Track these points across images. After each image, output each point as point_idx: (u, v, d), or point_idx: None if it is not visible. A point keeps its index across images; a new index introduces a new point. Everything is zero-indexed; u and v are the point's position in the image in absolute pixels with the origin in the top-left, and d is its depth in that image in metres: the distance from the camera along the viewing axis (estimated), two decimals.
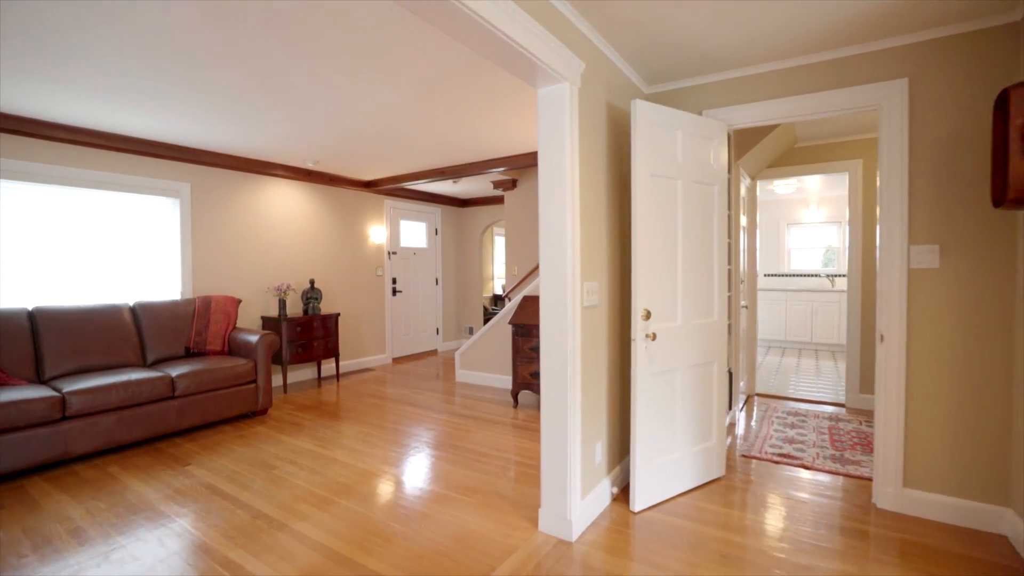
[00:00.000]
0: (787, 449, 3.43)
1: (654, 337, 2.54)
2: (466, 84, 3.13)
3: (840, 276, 7.81)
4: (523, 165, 4.99)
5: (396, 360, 6.78)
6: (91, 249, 4.12)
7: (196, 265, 4.72)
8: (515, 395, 4.49)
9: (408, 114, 3.68)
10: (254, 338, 4.24)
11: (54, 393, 3.16)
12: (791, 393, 4.96)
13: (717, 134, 2.90)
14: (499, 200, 7.51)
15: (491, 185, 6.63)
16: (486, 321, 8.17)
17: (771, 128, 3.81)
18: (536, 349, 4.32)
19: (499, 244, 10.08)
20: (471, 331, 7.84)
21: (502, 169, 5.18)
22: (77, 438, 3.23)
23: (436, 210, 7.45)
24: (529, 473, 3.05)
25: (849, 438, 3.63)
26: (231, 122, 3.82)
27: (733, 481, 2.94)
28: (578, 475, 2.35)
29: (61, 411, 3.18)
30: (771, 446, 3.50)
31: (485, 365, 5.35)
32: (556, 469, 2.34)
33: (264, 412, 4.31)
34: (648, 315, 2.54)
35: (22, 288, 3.79)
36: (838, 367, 6.24)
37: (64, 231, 3.98)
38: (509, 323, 4.47)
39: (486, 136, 4.29)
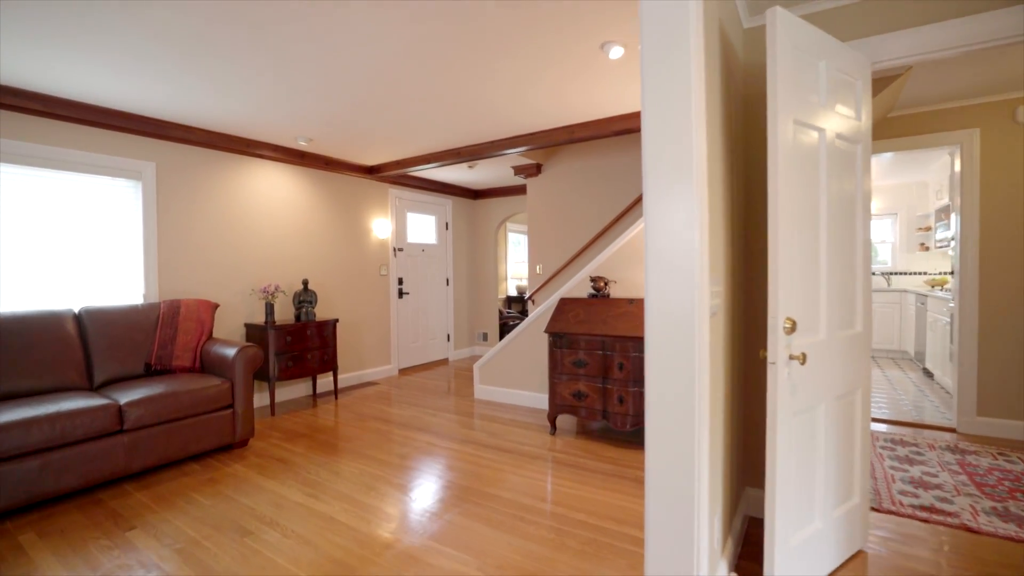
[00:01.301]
0: (926, 498, 2.60)
1: (803, 359, 1.71)
2: (502, 37, 2.31)
3: (897, 274, 6.98)
4: (557, 142, 4.16)
5: (403, 371, 5.94)
6: (27, 242, 3.28)
7: (163, 262, 3.88)
8: (552, 419, 3.65)
9: (415, 70, 2.86)
10: (231, 351, 3.40)
11: None
12: (874, 412, 4.13)
13: (861, 73, 2.07)
14: (517, 191, 6.69)
15: (511, 172, 5.81)
16: (502, 327, 7.34)
17: (889, 81, 2.98)
18: (581, 364, 3.49)
19: (512, 241, 9.25)
20: (485, 337, 7.01)
21: (524, 149, 4.35)
22: None
23: (447, 202, 6.63)
24: (597, 540, 2.22)
25: (997, 481, 2.80)
26: (198, 80, 3.00)
27: (881, 555, 2.11)
28: (705, 560, 1.52)
29: None
30: (901, 493, 2.67)
31: (510, 380, 4.52)
32: (673, 553, 1.51)
33: (244, 443, 3.48)
34: (793, 327, 1.71)
35: None
36: (909, 376, 5.41)
37: None
38: (546, 331, 3.64)
39: (512, 106, 3.47)
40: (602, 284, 3.81)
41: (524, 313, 8.26)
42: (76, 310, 3.35)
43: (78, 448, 2.69)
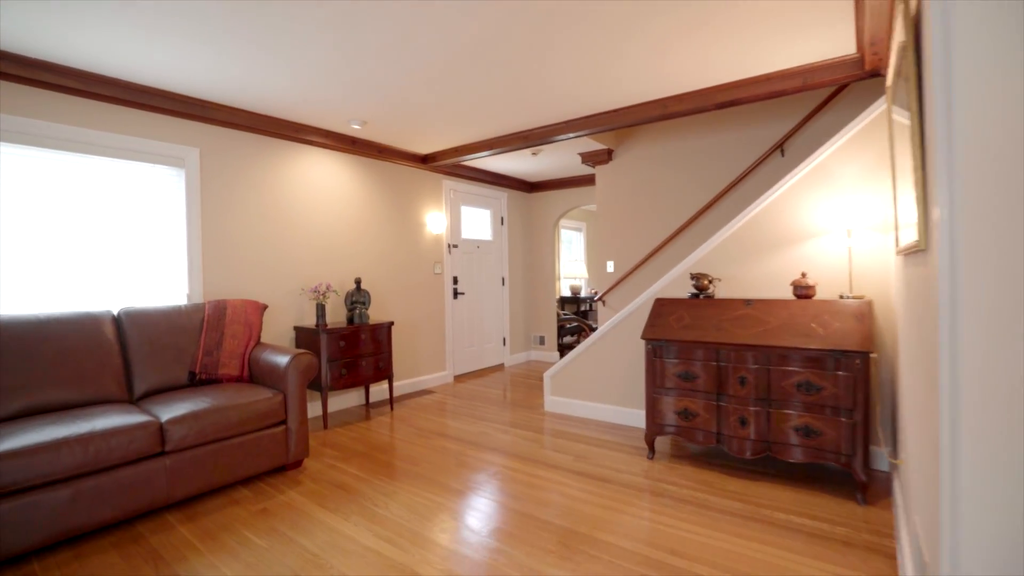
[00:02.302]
0: None
1: None
2: None
3: None
4: (647, 119, 3.61)
5: (458, 378, 5.48)
6: (60, 235, 2.93)
7: (206, 258, 3.50)
8: (651, 441, 3.10)
9: (489, 34, 2.35)
10: (283, 359, 2.97)
11: None
12: None
13: None
14: (576, 183, 6.15)
15: (576, 160, 5.28)
16: (560, 329, 6.81)
17: None
18: (689, 377, 2.92)
19: (564, 238, 8.71)
20: (542, 341, 6.49)
21: (601, 130, 3.81)
22: (6, 529, 2.01)
23: (502, 195, 6.14)
24: None
25: None
26: (244, 44, 2.58)
27: None
28: None
29: None
30: None
31: (588, 391, 3.98)
32: None
33: (298, 464, 3.05)
34: None
35: None
36: None
37: (20, 210, 2.80)
38: (643, 338, 3.09)
39: (592, 80, 2.94)
40: (706, 283, 3.23)
41: (580, 315, 7.71)
42: (115, 312, 2.99)
43: (114, 474, 2.29)
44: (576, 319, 6.91)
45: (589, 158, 5.06)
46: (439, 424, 3.91)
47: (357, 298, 4.14)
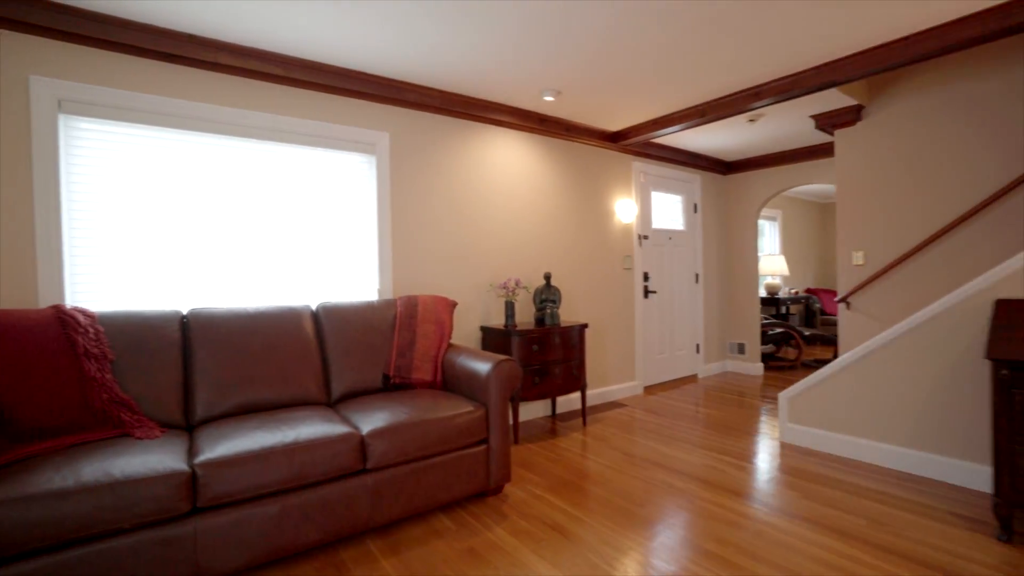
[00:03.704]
0: None
1: None
2: None
3: None
4: (903, 62, 2.52)
5: (648, 389, 4.74)
6: (254, 225, 2.86)
7: (396, 251, 3.26)
8: (1006, 515, 2.05)
9: None
10: (484, 366, 2.54)
11: (179, 467, 1.76)
12: None
13: None
14: (790, 158, 5.00)
15: (804, 125, 4.20)
16: (764, 335, 5.69)
17: None
18: None
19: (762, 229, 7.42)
20: (741, 350, 5.44)
21: (861, 76, 2.78)
22: (214, 550, 1.80)
23: (695, 177, 5.25)
24: None
25: None
26: (443, 14, 2.17)
27: None
28: None
29: (191, 498, 1.77)
30: None
31: (853, 423, 2.98)
32: None
33: (498, 490, 2.59)
34: None
35: (153, 282, 2.62)
36: None
37: (213, 198, 2.75)
38: (990, 358, 2.06)
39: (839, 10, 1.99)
40: None
41: (779, 318, 6.44)
42: (313, 307, 2.83)
43: (318, 491, 2.01)
44: (783, 324, 5.71)
45: (826, 120, 3.96)
46: (646, 448, 3.22)
47: (547, 296, 3.63)
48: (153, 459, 1.76)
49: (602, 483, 2.71)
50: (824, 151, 4.77)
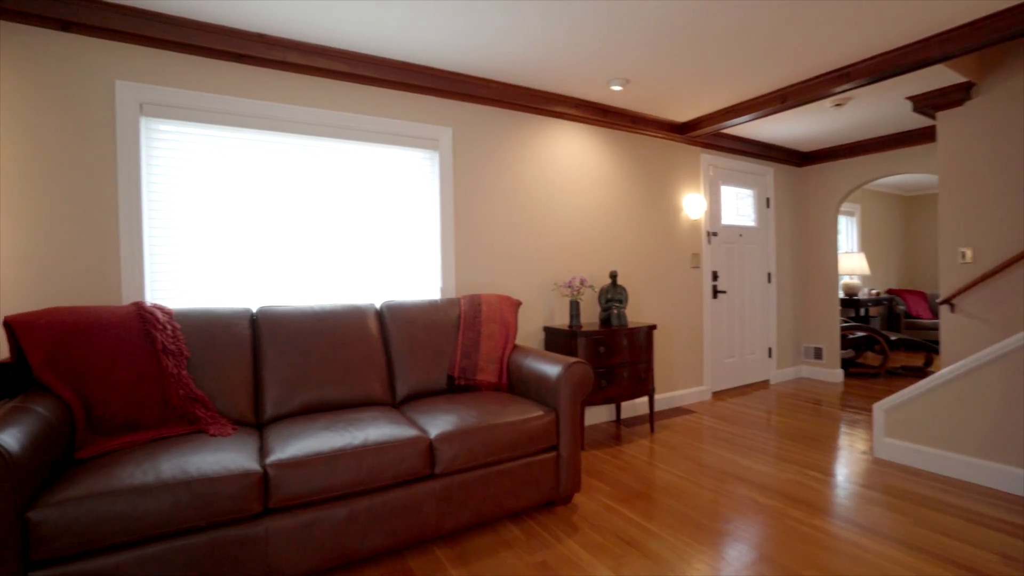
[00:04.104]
0: None
1: None
2: None
3: None
4: None
5: (717, 395, 4.47)
6: (316, 222, 2.85)
7: (459, 249, 3.19)
8: None
9: None
10: (553, 369, 2.41)
11: (252, 467, 1.74)
12: None
13: None
14: (875, 146, 4.59)
15: (898, 108, 3.82)
16: (844, 338, 5.28)
17: None
18: None
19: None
20: (818, 355, 5.05)
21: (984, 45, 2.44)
22: (285, 552, 1.77)
23: (767, 170, 4.92)
24: None
25: None
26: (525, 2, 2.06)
27: None
28: None
29: (263, 499, 1.74)
30: None
31: (969, 442, 2.65)
32: None
33: (568, 500, 2.46)
34: None
35: (221, 278, 2.65)
36: None
37: (279, 196, 2.76)
38: None
39: None
40: None
41: (859, 320, 5.96)
42: (377, 306, 2.80)
43: (385, 496, 1.95)
44: (866, 328, 5.26)
45: (927, 101, 3.57)
46: (721, 458, 3.00)
47: (613, 295, 3.47)
48: (227, 458, 1.75)
49: (677, 495, 2.52)
50: (919, 137, 4.34)
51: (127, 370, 1.99)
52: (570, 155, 3.64)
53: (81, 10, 2.21)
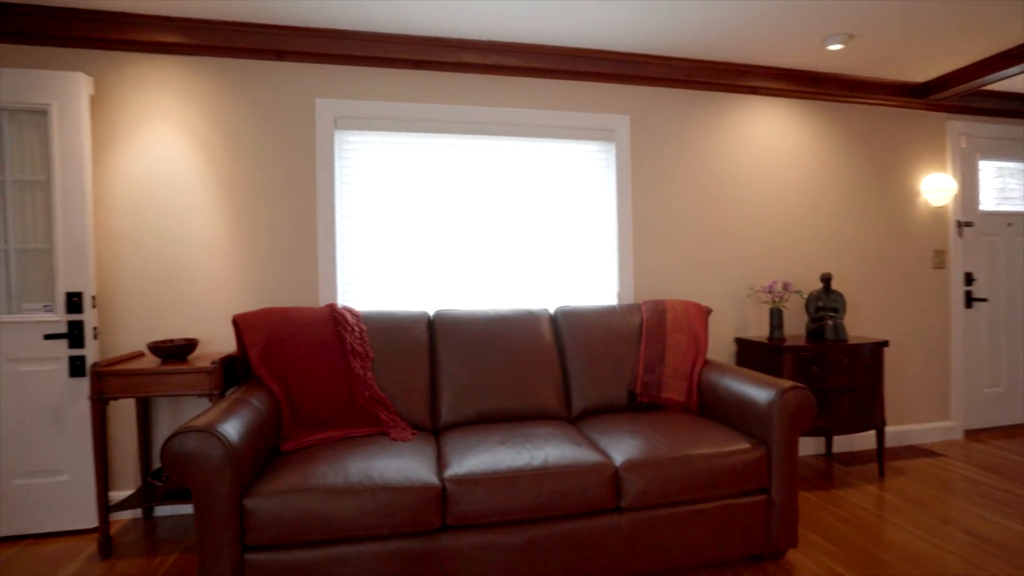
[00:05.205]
0: None
1: None
2: None
3: None
4: None
5: (970, 435, 3.45)
6: (487, 223, 2.76)
7: (637, 249, 2.88)
8: None
9: None
10: (763, 393, 1.98)
11: (432, 480, 1.66)
12: None
13: None
14: None
15: None
16: None
17: None
18: None
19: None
20: None
21: None
22: (463, 573, 1.67)
23: None
24: None
25: None
26: None
27: None
28: None
29: (441, 513, 1.66)
30: None
31: None
32: None
33: (779, 555, 2.01)
34: None
35: (397, 281, 2.68)
36: None
37: (452, 198, 2.72)
38: None
39: None
40: None
41: None
42: (551, 311, 2.63)
43: (565, 525, 1.74)
44: None
45: None
46: (999, 527, 2.22)
47: (826, 303, 2.84)
48: (408, 467, 1.70)
49: (932, 570, 1.89)
50: None
51: (322, 369, 2.10)
52: (769, 137, 3.08)
53: (291, 39, 2.42)
